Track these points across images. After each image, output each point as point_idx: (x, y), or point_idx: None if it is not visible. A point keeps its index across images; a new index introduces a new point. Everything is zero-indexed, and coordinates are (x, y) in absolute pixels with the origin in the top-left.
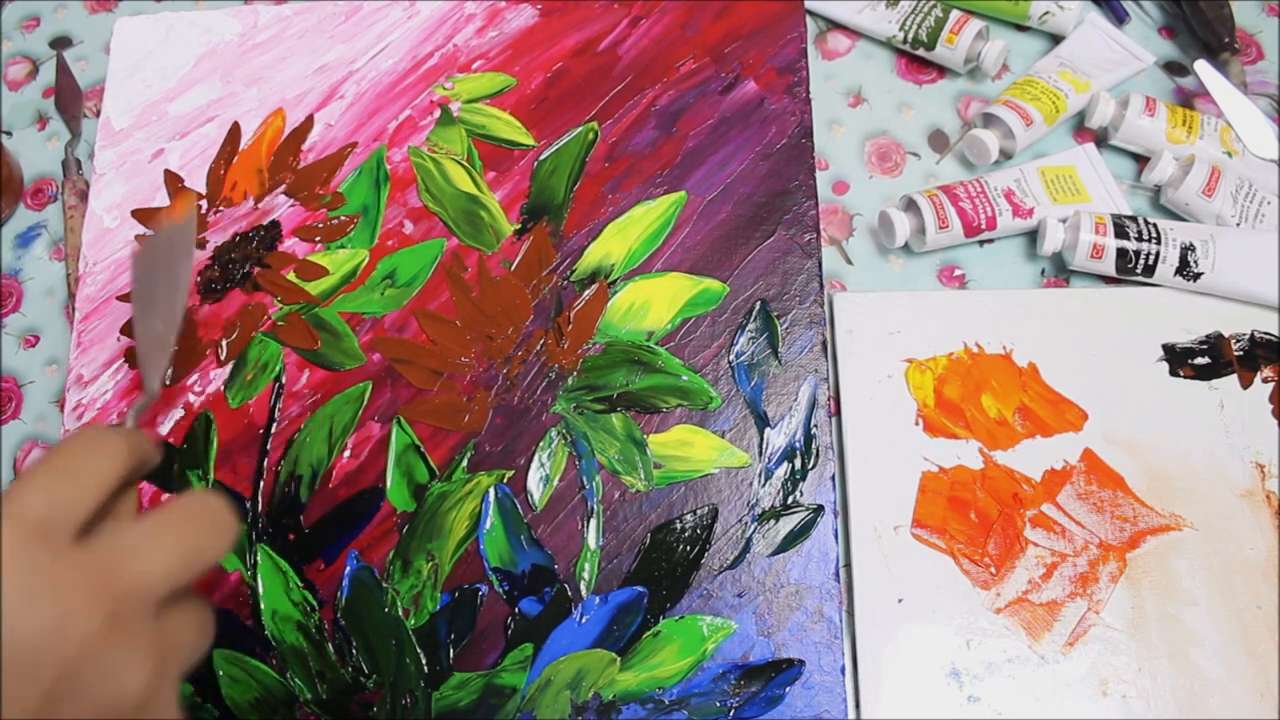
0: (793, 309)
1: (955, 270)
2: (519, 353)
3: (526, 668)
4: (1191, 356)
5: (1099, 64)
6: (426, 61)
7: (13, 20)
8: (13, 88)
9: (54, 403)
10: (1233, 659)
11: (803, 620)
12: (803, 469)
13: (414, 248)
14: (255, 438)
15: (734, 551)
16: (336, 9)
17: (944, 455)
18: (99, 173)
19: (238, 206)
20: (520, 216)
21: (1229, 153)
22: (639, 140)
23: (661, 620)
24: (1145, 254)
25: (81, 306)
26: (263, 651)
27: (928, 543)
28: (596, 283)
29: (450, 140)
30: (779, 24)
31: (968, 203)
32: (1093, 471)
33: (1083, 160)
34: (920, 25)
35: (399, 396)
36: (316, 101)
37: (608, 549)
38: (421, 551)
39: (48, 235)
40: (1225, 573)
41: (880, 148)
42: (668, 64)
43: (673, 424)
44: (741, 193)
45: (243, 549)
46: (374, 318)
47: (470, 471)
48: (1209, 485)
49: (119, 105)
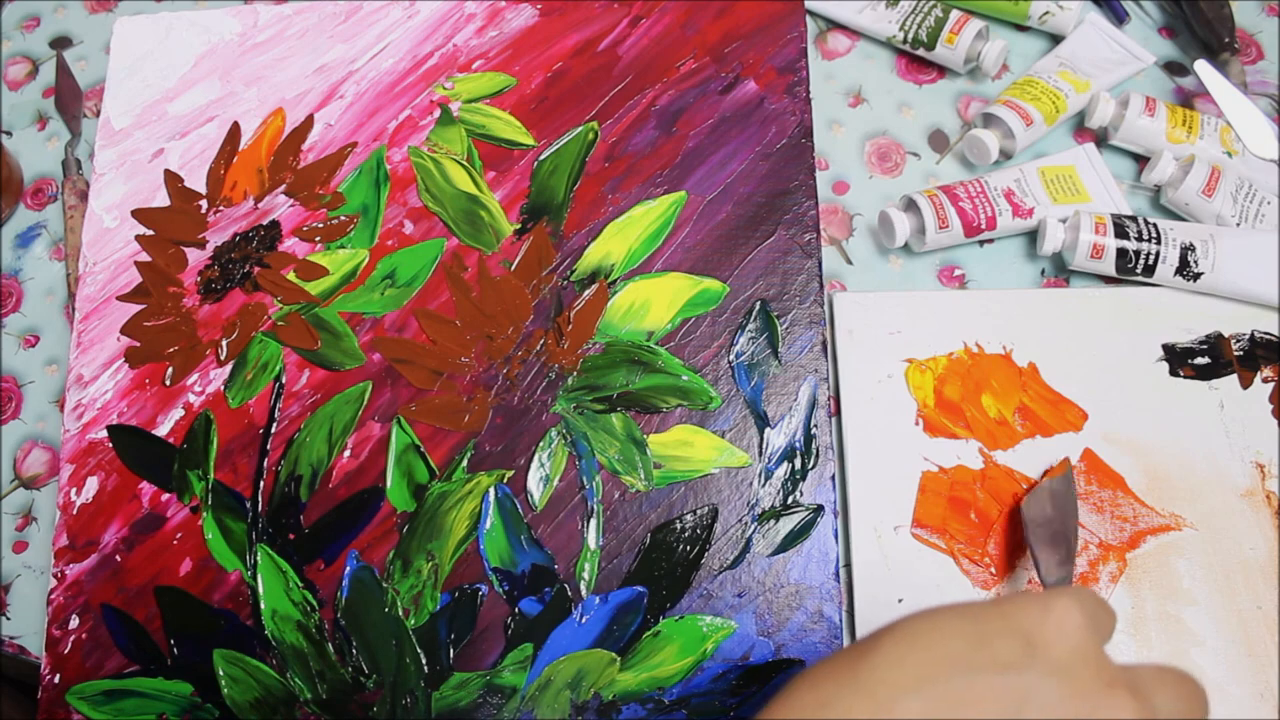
0: (793, 309)
1: (955, 270)
2: (519, 353)
3: (526, 668)
4: (1191, 356)
5: (1099, 64)
6: (426, 61)
7: (13, 20)
8: (13, 88)
9: (54, 403)
10: (1233, 659)
11: (803, 620)
12: (803, 469)
13: (414, 248)
14: (255, 438)
15: (734, 551)
16: (336, 9)
17: (944, 455)
18: (99, 173)
19: (238, 206)
20: (520, 216)
21: (1229, 153)
22: (639, 140)
23: (661, 620)
24: (1145, 254)
25: (81, 306)
26: (263, 651)
27: (928, 543)
28: (596, 283)
29: (450, 140)
30: (779, 24)
31: (968, 203)
32: (1093, 471)
33: (1083, 160)
34: (920, 25)
35: (399, 396)
36: (316, 101)
37: (608, 549)
38: (421, 551)
39: (48, 235)
40: (1225, 573)
41: (880, 148)
42: (668, 64)
43: (673, 424)
44: (741, 193)
45: (243, 549)
46: (374, 318)
47: (470, 471)
48: (1209, 485)
49: (119, 105)
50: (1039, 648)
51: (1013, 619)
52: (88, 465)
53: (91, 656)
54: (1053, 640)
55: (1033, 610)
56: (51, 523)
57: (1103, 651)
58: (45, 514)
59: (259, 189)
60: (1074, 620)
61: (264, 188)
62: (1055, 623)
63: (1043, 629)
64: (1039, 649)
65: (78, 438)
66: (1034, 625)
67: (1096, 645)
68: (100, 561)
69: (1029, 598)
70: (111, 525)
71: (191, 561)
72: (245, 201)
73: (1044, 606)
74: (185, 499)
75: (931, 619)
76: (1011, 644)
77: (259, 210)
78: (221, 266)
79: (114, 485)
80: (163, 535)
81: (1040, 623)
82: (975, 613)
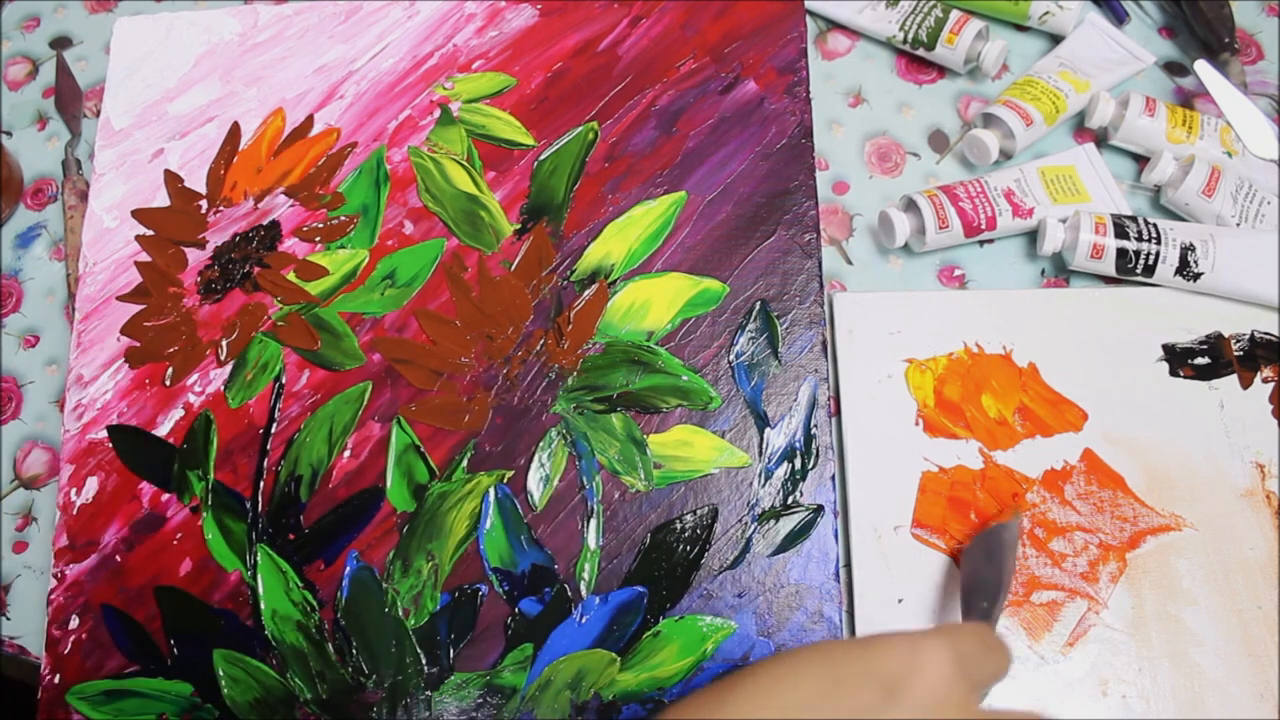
0: (793, 309)
1: (955, 270)
2: (519, 353)
3: (526, 668)
4: (1191, 356)
5: (1099, 64)
6: (426, 61)
7: (13, 20)
8: (13, 88)
9: (54, 403)
10: (1233, 659)
11: (803, 620)
12: (803, 469)
13: (414, 248)
14: (255, 438)
15: (734, 551)
16: (336, 9)
17: (944, 455)
18: (99, 173)
19: (238, 206)
20: (520, 216)
21: (1229, 153)
22: (639, 140)
23: (661, 620)
24: (1145, 254)
25: (81, 306)
26: (263, 651)
27: (928, 543)
28: (596, 283)
29: (450, 140)
30: (779, 24)
31: (968, 203)
32: (1093, 471)
33: (1083, 160)
34: (920, 25)
35: (399, 396)
36: (316, 101)
37: (608, 549)
38: (421, 551)
39: (48, 235)
40: (1225, 573)
41: (880, 148)
42: (668, 64)
43: (673, 424)
44: (741, 193)
45: (243, 549)
46: (374, 318)
47: (470, 471)
48: (1209, 485)
49: (119, 105)
50: (898, 693)
51: (873, 663)
52: (88, 465)
53: (91, 656)
54: (915, 685)
55: (897, 653)
56: (51, 523)
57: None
58: (45, 514)
59: (259, 189)
60: (939, 665)
61: (264, 187)
62: (919, 668)
63: (905, 674)
64: (898, 694)
65: (78, 438)
66: (896, 669)
67: (961, 693)
68: (100, 561)
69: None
70: (111, 525)
71: (191, 561)
72: (245, 201)
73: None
74: (185, 499)
75: (790, 662)
76: (867, 689)
77: (259, 210)
78: (221, 266)
79: (114, 485)
80: (163, 535)
81: (904, 666)
82: (836, 655)
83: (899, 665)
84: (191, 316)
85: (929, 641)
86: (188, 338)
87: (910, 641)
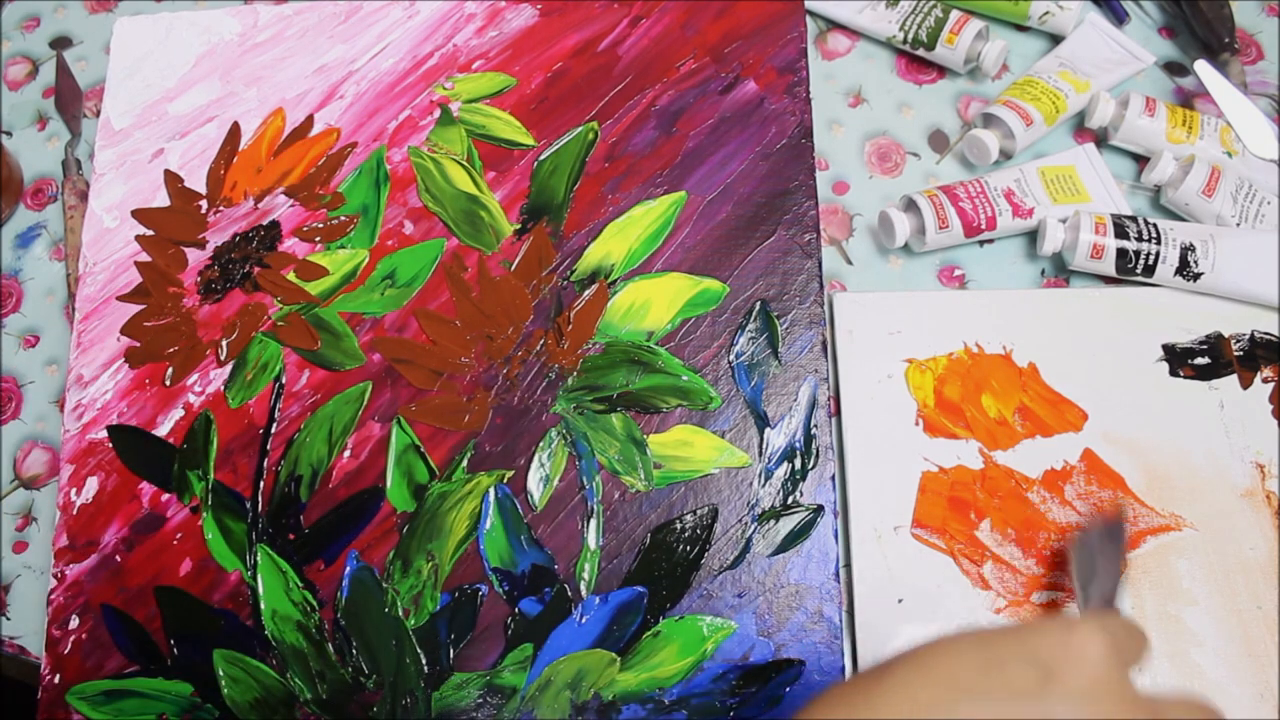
0: (793, 309)
1: (955, 270)
2: (519, 353)
3: (526, 668)
4: (1191, 356)
5: (1099, 64)
6: (426, 61)
7: (13, 20)
8: (13, 88)
9: (54, 403)
10: (1233, 659)
11: (803, 620)
12: (803, 469)
13: (414, 248)
14: (255, 438)
15: (734, 552)
16: (336, 9)
17: (944, 455)
18: (99, 173)
19: (238, 206)
20: (520, 216)
21: (1229, 153)
22: (639, 140)
23: (661, 620)
24: (1145, 254)
25: (81, 306)
26: (263, 651)
27: (928, 543)
28: (596, 283)
29: (450, 140)
30: (779, 24)
31: (968, 203)
32: (1093, 471)
33: (1083, 160)
34: (920, 25)
35: (399, 396)
36: (316, 101)
37: (608, 549)
38: (421, 551)
39: (48, 235)
40: (1225, 573)
41: (880, 148)
42: (668, 64)
43: (673, 424)
44: (741, 193)
45: (243, 549)
46: (374, 318)
47: (470, 471)
48: (1209, 485)
49: (119, 105)
50: (1056, 676)
51: (1029, 645)
52: (88, 465)
53: (91, 656)
54: (1072, 668)
55: (1052, 636)
56: (51, 523)
57: (1126, 680)
58: (45, 514)
59: (258, 189)
60: (1095, 648)
61: (264, 187)
62: (1076, 650)
63: (1062, 656)
64: (1056, 677)
65: (78, 438)
66: (1052, 652)
67: (1119, 673)
68: (100, 561)
69: (1050, 623)
70: (111, 525)
71: (191, 561)
72: (245, 202)
73: (1064, 632)
74: (185, 499)
75: (945, 646)
76: (1026, 671)
77: (259, 210)
78: (221, 267)
79: (114, 485)
80: (163, 535)
81: (1060, 650)
82: (990, 639)
83: (1056, 647)
84: (191, 316)
85: (1082, 625)
86: (188, 338)
87: (1064, 624)
